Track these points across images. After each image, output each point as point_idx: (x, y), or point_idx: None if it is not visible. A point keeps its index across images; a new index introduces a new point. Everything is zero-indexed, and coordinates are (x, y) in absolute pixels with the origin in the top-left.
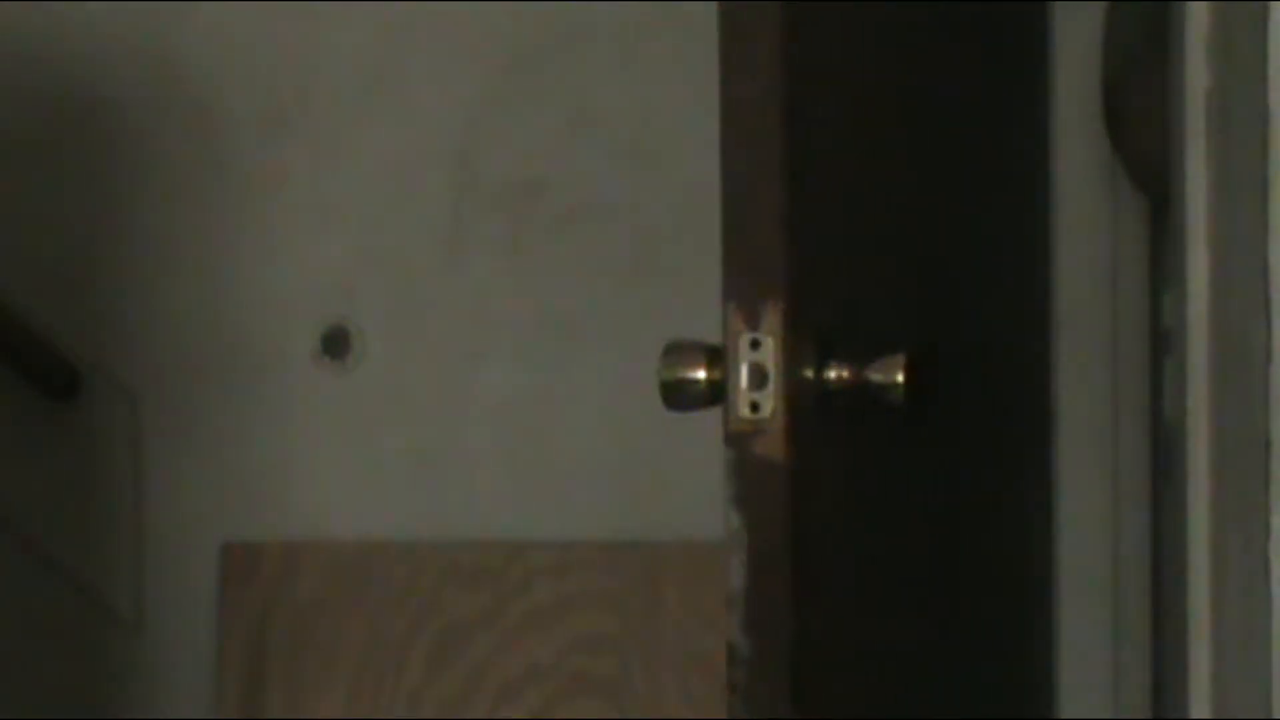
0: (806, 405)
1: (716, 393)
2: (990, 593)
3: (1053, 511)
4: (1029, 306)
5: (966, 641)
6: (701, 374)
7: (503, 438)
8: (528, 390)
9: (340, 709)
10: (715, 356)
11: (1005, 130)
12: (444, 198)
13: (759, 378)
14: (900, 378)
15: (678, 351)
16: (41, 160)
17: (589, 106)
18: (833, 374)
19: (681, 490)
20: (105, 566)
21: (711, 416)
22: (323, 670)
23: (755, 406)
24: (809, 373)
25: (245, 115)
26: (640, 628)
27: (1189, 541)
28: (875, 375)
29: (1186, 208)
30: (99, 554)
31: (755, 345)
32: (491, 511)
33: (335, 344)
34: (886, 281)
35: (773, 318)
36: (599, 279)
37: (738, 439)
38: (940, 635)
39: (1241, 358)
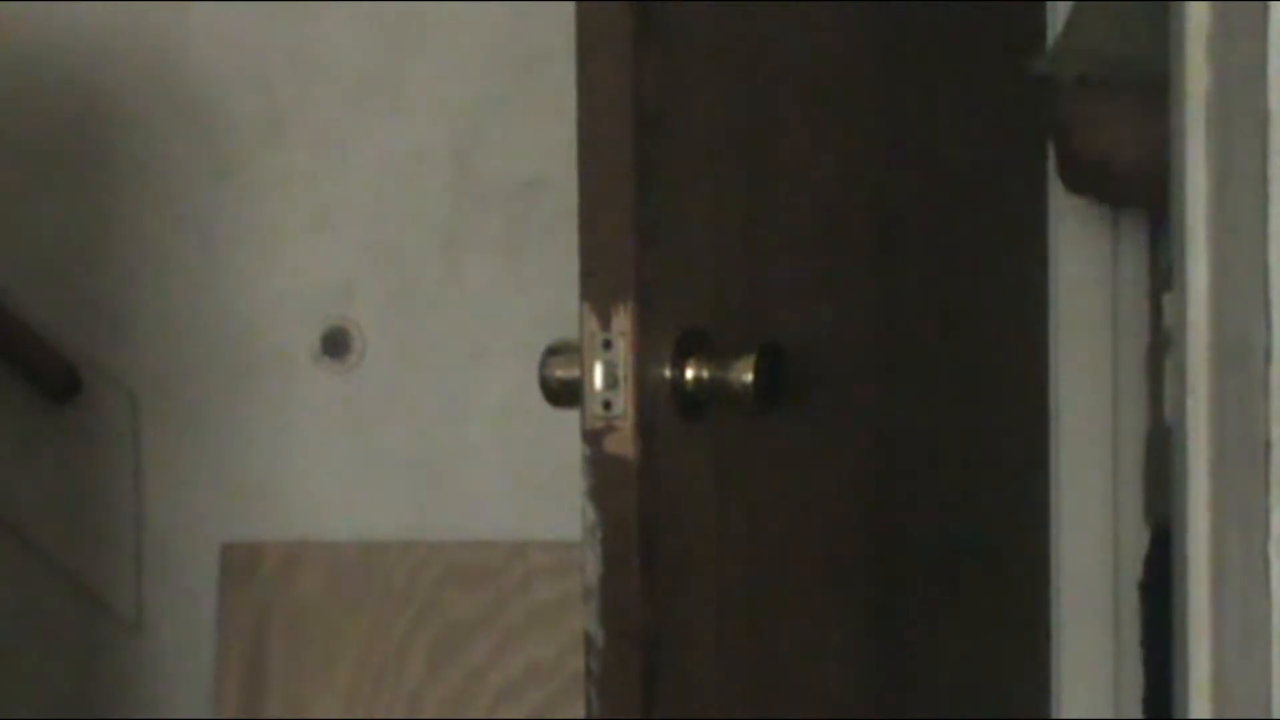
0: (660, 403)
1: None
2: (980, 592)
3: (1052, 512)
4: (1027, 305)
5: (912, 635)
6: (575, 373)
7: (503, 438)
8: (528, 390)
9: (340, 709)
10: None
11: (987, 128)
12: (444, 198)
13: (611, 377)
14: (749, 376)
15: (558, 351)
16: (41, 160)
17: None
18: (690, 373)
19: None
20: (105, 566)
21: None
22: (323, 670)
23: (608, 404)
24: (665, 371)
25: (245, 116)
26: None
27: (1189, 541)
28: (730, 374)
29: (1186, 208)
30: (99, 554)
31: (608, 345)
32: (491, 511)
33: (335, 344)
34: (783, 282)
35: (624, 318)
36: None
37: (591, 436)
38: (875, 629)
39: (1241, 358)
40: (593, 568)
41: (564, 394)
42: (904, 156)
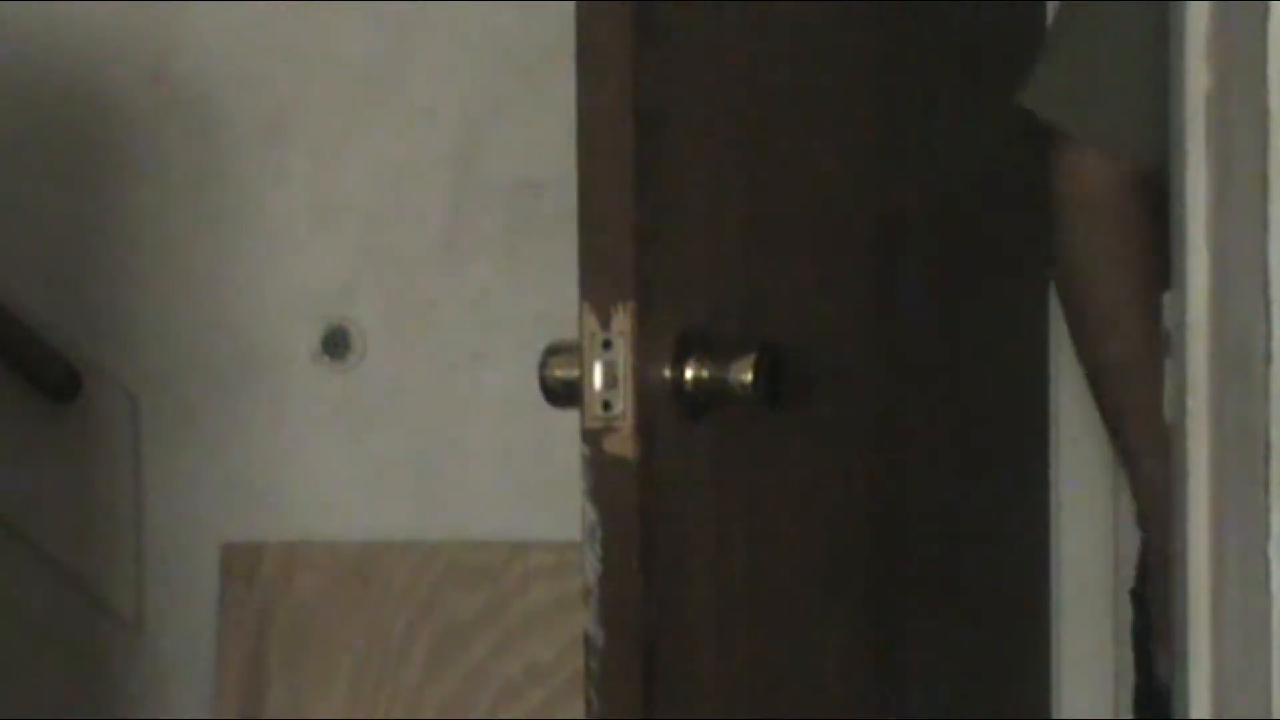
0: (660, 404)
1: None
2: (980, 592)
3: (1052, 512)
4: (1028, 305)
5: (912, 634)
6: (575, 373)
7: (503, 438)
8: (528, 390)
9: (340, 709)
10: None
11: (987, 126)
12: (444, 198)
13: (611, 377)
14: (749, 376)
15: (558, 351)
16: (41, 160)
17: None
18: (690, 373)
19: None
20: (105, 566)
21: None
22: (323, 670)
23: (607, 405)
24: (665, 372)
25: (245, 116)
26: None
27: (1189, 541)
28: (730, 374)
29: (1186, 208)
30: (99, 554)
31: (607, 345)
32: (491, 511)
33: (335, 344)
34: (783, 281)
35: (623, 318)
36: None
37: (591, 436)
38: (875, 628)
39: (1241, 358)
40: (593, 568)
41: (564, 394)
42: (904, 156)
